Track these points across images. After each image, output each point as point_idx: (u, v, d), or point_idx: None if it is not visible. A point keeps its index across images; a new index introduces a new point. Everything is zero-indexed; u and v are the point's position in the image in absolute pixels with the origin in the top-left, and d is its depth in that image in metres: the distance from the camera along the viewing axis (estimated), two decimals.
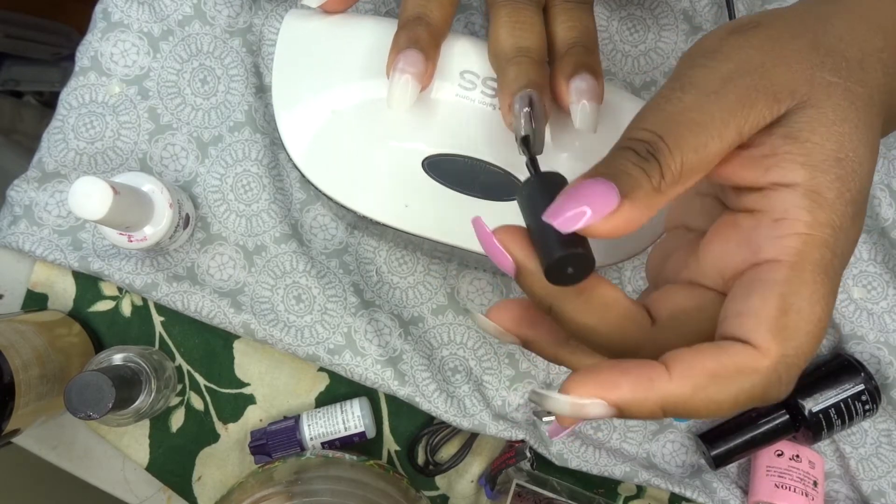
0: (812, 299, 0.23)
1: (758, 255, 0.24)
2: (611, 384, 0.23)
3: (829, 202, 0.23)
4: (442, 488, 0.49)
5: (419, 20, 0.34)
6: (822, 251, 0.23)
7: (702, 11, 0.47)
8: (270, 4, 0.47)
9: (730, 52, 0.25)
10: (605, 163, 0.24)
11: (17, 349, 0.40)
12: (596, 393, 0.23)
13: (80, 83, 0.47)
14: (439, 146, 0.37)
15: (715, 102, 0.24)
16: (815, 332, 0.23)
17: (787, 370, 0.23)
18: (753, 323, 0.23)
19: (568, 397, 0.23)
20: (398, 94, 0.34)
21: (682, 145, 0.24)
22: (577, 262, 0.24)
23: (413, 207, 0.37)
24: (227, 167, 0.47)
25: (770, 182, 0.24)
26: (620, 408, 0.23)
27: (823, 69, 0.24)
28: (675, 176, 0.24)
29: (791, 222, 0.23)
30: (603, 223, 0.23)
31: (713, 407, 0.23)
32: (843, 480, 0.48)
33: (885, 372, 0.46)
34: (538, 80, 0.33)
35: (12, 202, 0.47)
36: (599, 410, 0.23)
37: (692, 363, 0.23)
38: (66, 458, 0.48)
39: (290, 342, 0.46)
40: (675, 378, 0.23)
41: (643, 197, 0.23)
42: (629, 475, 0.46)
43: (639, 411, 0.23)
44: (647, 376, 0.23)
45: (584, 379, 0.23)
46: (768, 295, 0.23)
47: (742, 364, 0.22)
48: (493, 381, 0.47)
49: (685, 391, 0.22)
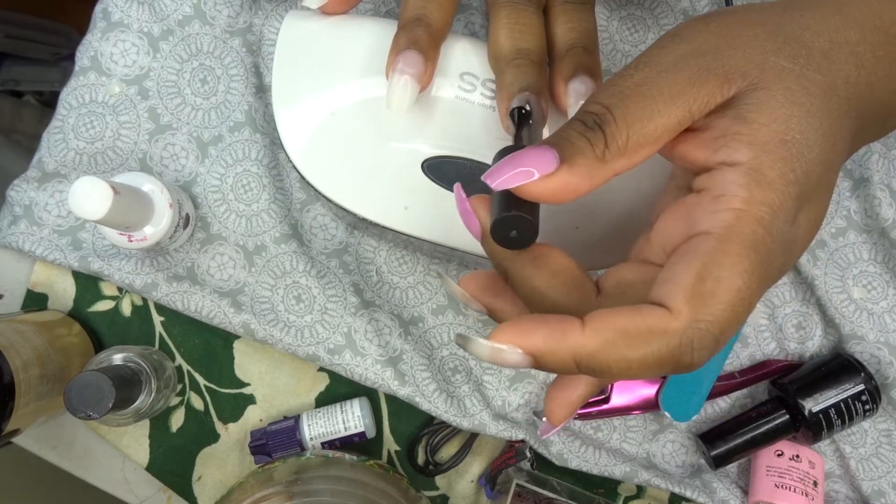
0: (734, 270, 0.23)
1: (693, 229, 0.25)
2: (527, 332, 0.24)
3: (769, 181, 0.24)
4: (442, 488, 0.49)
5: (418, 21, 0.34)
6: (754, 227, 0.23)
7: (701, 11, 0.47)
8: (270, 4, 0.47)
9: (688, 35, 0.26)
10: (554, 133, 0.26)
11: (17, 349, 0.40)
12: (513, 340, 0.24)
13: (80, 83, 0.47)
14: (439, 148, 0.37)
15: (665, 79, 0.25)
16: (734, 303, 0.23)
17: (700, 337, 0.23)
18: (671, 288, 0.23)
19: (488, 342, 0.24)
20: (398, 96, 0.34)
21: (628, 117, 0.25)
22: (518, 225, 0.26)
23: (412, 209, 0.37)
24: (227, 167, 0.47)
25: (718, 162, 0.25)
26: (534, 356, 0.24)
27: (779, 55, 0.25)
28: (621, 147, 0.25)
29: (728, 198, 0.24)
30: (541, 185, 0.24)
31: (622, 364, 0.23)
32: (843, 480, 0.48)
33: (885, 372, 0.46)
34: (536, 82, 0.33)
35: (12, 202, 0.47)
36: (515, 358, 0.24)
37: (606, 320, 0.24)
38: (66, 458, 0.48)
39: (290, 342, 0.46)
40: (587, 332, 0.24)
41: (584, 164, 0.24)
42: (629, 475, 0.46)
43: (552, 361, 0.24)
44: (561, 328, 0.24)
45: (505, 328, 0.24)
46: (691, 263, 0.24)
47: (653, 324, 0.23)
48: (493, 381, 0.47)
49: (594, 344, 0.23)
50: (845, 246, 0.47)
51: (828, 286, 0.47)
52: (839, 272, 0.47)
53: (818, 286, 0.46)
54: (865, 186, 0.46)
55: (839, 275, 0.47)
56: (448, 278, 0.29)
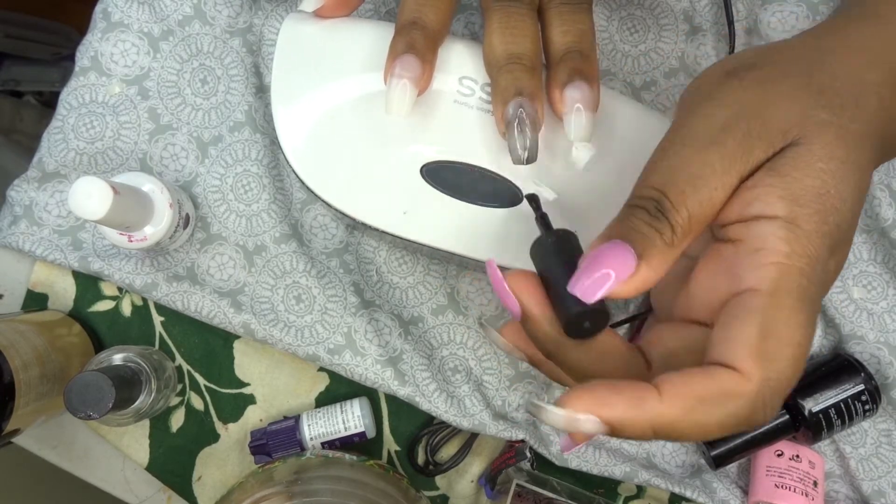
0: (790, 325, 0.24)
1: (738, 285, 0.25)
2: (605, 402, 0.24)
3: (807, 234, 0.24)
4: (442, 488, 0.49)
5: (415, 24, 0.34)
6: (799, 279, 0.24)
7: (702, 11, 0.47)
8: (270, 4, 0.47)
9: (725, 98, 0.26)
10: (618, 223, 0.26)
11: (17, 349, 0.40)
12: (590, 409, 0.23)
13: (80, 83, 0.47)
14: (438, 152, 0.37)
15: (715, 153, 0.25)
16: (796, 356, 0.24)
17: (771, 394, 0.23)
18: (736, 348, 0.24)
19: (563, 411, 0.24)
20: (396, 100, 0.34)
21: (686, 201, 0.25)
22: (594, 318, 0.26)
23: (411, 214, 0.37)
24: (227, 167, 0.47)
25: (752, 214, 0.25)
26: (613, 425, 0.24)
27: (817, 108, 0.25)
28: (685, 230, 0.25)
29: (769, 252, 0.24)
30: (624, 286, 0.25)
31: (700, 429, 0.23)
32: (843, 480, 0.48)
33: (885, 372, 0.46)
34: (531, 87, 0.33)
35: (12, 202, 0.47)
36: (592, 427, 0.24)
37: (681, 386, 0.24)
38: (66, 458, 0.49)
39: (290, 342, 0.46)
40: (665, 400, 0.23)
41: (658, 255, 0.25)
42: (629, 475, 0.46)
43: (631, 430, 0.24)
44: (639, 396, 0.24)
45: (580, 394, 0.24)
46: (749, 322, 0.24)
47: (727, 388, 0.23)
48: (493, 381, 0.47)
49: (675, 413, 0.23)
50: None
51: None
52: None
53: None
54: None
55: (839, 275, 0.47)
56: (490, 328, 0.29)
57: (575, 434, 0.28)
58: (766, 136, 0.25)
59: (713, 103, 0.26)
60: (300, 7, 0.39)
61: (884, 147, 0.28)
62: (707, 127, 0.25)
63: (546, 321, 0.27)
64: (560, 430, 0.25)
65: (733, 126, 0.25)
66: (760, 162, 0.25)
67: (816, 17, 0.46)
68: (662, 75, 0.47)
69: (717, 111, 0.26)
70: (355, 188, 0.37)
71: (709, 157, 0.25)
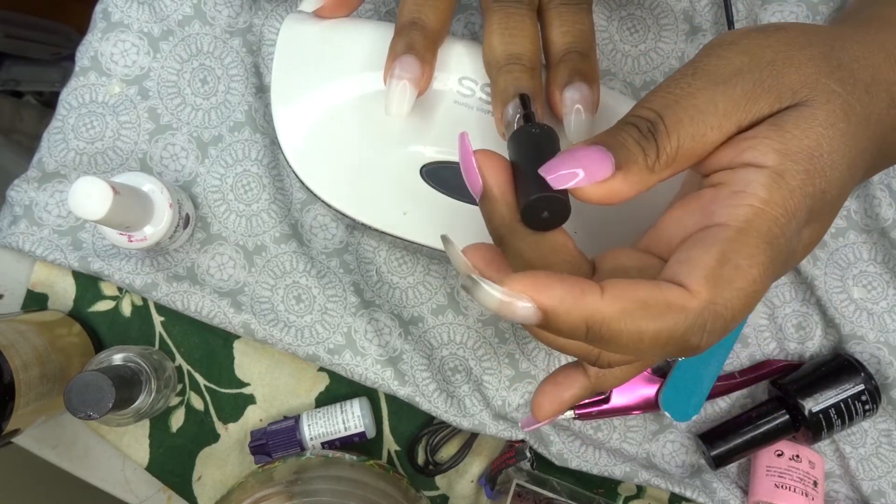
0: (752, 261, 0.23)
1: (709, 219, 0.25)
2: (544, 286, 0.23)
3: (790, 188, 0.24)
4: (442, 488, 0.49)
5: (415, 25, 0.34)
6: (771, 225, 0.24)
7: (702, 11, 0.47)
8: (270, 4, 0.47)
9: (746, 46, 0.26)
10: (608, 133, 0.25)
11: (17, 349, 0.40)
12: (527, 290, 0.23)
13: (80, 83, 0.47)
14: (438, 153, 0.37)
15: (722, 93, 0.25)
16: (747, 293, 0.24)
17: (713, 319, 0.23)
18: (690, 268, 0.24)
19: (499, 289, 0.23)
20: (396, 101, 0.34)
21: (679, 130, 0.25)
22: (554, 208, 0.25)
23: (411, 215, 0.37)
24: (227, 167, 0.47)
25: (742, 162, 0.25)
26: (547, 313, 0.23)
27: (830, 78, 0.25)
28: (670, 159, 0.25)
29: (748, 195, 0.24)
30: (593, 188, 0.24)
31: (635, 336, 0.23)
32: (843, 480, 0.48)
33: (885, 372, 0.46)
34: (530, 87, 0.33)
35: (12, 202, 0.47)
36: (525, 312, 0.23)
37: (624, 288, 0.23)
38: (66, 458, 0.49)
39: (290, 342, 0.46)
40: (606, 297, 0.23)
41: (636, 172, 0.24)
42: (629, 475, 0.46)
43: (564, 321, 0.23)
44: (580, 288, 0.23)
45: (519, 277, 0.23)
46: (710, 248, 0.24)
47: (672, 300, 0.23)
48: (493, 381, 0.47)
49: (612, 311, 0.23)
50: (845, 246, 0.47)
51: (828, 286, 0.47)
52: (839, 272, 0.47)
53: (818, 286, 0.46)
54: (865, 187, 0.46)
55: (839, 275, 0.47)
56: (454, 244, 0.28)
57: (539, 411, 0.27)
58: (776, 89, 0.25)
59: (734, 48, 0.26)
60: (300, 7, 0.39)
61: (880, 151, 0.28)
62: (721, 67, 0.25)
63: (505, 203, 0.27)
64: (492, 312, 0.23)
65: (746, 72, 0.25)
66: (762, 115, 0.25)
67: (816, 17, 0.46)
68: (662, 75, 0.47)
69: (735, 56, 0.26)
70: (355, 188, 0.37)
71: (715, 95, 0.25)
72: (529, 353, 0.47)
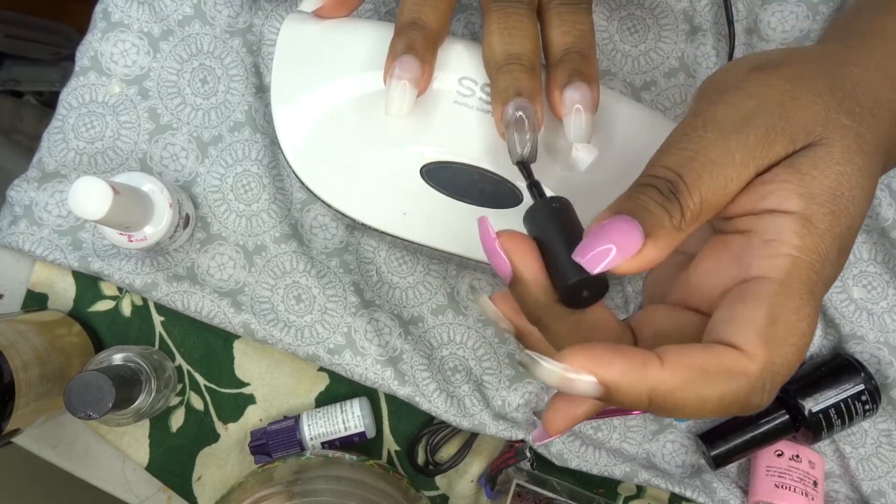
0: (799, 314, 0.24)
1: (747, 272, 0.25)
2: (605, 361, 0.23)
3: (820, 232, 0.24)
4: (442, 488, 0.49)
5: (414, 25, 0.34)
6: (809, 273, 0.24)
7: (702, 11, 0.47)
8: (270, 4, 0.47)
9: (751, 90, 0.26)
10: (628, 198, 0.25)
11: (17, 349, 0.40)
12: (589, 367, 0.22)
13: (80, 83, 0.47)
14: (438, 153, 0.37)
15: (736, 142, 0.25)
16: (800, 346, 0.24)
17: (772, 378, 0.23)
18: (742, 329, 0.24)
19: (559, 366, 0.22)
20: (396, 101, 0.34)
21: (700, 186, 0.24)
22: (593, 287, 0.25)
23: (411, 215, 0.37)
24: (227, 167, 0.47)
25: (765, 208, 0.25)
26: (609, 388, 0.23)
27: (840, 112, 0.25)
28: (694, 215, 0.25)
29: (782, 244, 0.24)
30: (628, 262, 0.24)
31: (698, 403, 0.23)
32: (843, 480, 0.48)
33: (885, 372, 0.46)
34: (530, 87, 0.33)
35: (12, 202, 0.47)
36: (587, 387, 0.23)
37: (684, 356, 0.23)
38: (66, 458, 0.48)
39: (290, 342, 0.46)
40: (667, 367, 0.23)
41: (665, 236, 0.24)
42: (629, 475, 0.46)
43: (626, 394, 0.23)
44: (640, 360, 0.23)
45: (578, 352, 0.23)
46: (758, 305, 0.24)
47: (731, 365, 0.23)
48: (493, 381, 0.47)
49: (675, 381, 0.23)
50: None
51: None
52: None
53: None
54: None
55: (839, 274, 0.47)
56: (481, 294, 0.28)
57: (551, 425, 0.27)
58: (789, 132, 0.25)
59: (739, 93, 0.26)
60: (300, 7, 0.39)
61: (886, 162, 0.28)
62: (730, 115, 0.25)
63: (538, 286, 0.26)
64: (552, 387, 0.23)
65: (757, 118, 0.25)
66: (779, 158, 0.25)
67: (816, 16, 0.46)
68: (662, 75, 0.47)
69: (742, 101, 0.26)
70: (355, 188, 0.37)
71: (729, 144, 0.25)
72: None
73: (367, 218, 0.37)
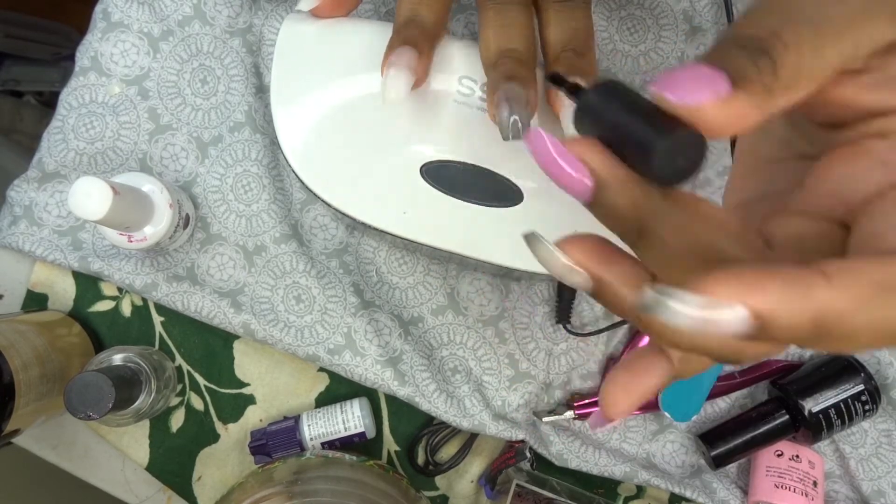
0: None
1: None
2: (757, 284, 0.17)
3: None
4: (442, 488, 0.49)
5: (411, 23, 0.34)
6: None
7: (702, 11, 0.47)
8: (270, 4, 0.47)
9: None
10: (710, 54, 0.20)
11: (17, 349, 0.40)
12: (737, 294, 0.17)
13: (80, 83, 0.47)
14: (437, 152, 0.37)
15: (834, 4, 0.20)
16: None
17: None
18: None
19: (698, 297, 0.17)
20: (391, 87, 0.33)
21: (799, 43, 0.20)
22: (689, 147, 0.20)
23: (411, 214, 0.37)
24: (227, 167, 0.47)
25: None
26: (765, 318, 0.17)
27: None
28: (789, 79, 0.20)
29: None
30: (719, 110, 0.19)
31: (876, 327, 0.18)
32: (843, 480, 0.48)
33: (885, 372, 0.46)
34: (522, 74, 0.32)
35: (12, 202, 0.47)
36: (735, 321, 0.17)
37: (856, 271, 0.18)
38: (66, 458, 0.49)
39: (290, 342, 0.46)
40: (836, 286, 0.18)
41: (755, 92, 0.19)
42: (629, 475, 0.46)
43: (786, 326, 0.18)
44: (802, 280, 0.18)
45: (724, 277, 0.17)
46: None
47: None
48: (493, 381, 0.47)
49: (848, 302, 0.17)
50: None
51: None
52: None
53: None
54: None
55: None
56: (544, 241, 0.22)
57: (611, 409, 0.22)
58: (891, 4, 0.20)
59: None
60: (298, 7, 0.39)
61: None
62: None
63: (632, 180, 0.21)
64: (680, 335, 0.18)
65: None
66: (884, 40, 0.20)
67: None
68: None
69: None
70: (355, 188, 0.37)
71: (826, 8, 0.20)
72: (529, 354, 0.47)
73: (368, 217, 0.37)
